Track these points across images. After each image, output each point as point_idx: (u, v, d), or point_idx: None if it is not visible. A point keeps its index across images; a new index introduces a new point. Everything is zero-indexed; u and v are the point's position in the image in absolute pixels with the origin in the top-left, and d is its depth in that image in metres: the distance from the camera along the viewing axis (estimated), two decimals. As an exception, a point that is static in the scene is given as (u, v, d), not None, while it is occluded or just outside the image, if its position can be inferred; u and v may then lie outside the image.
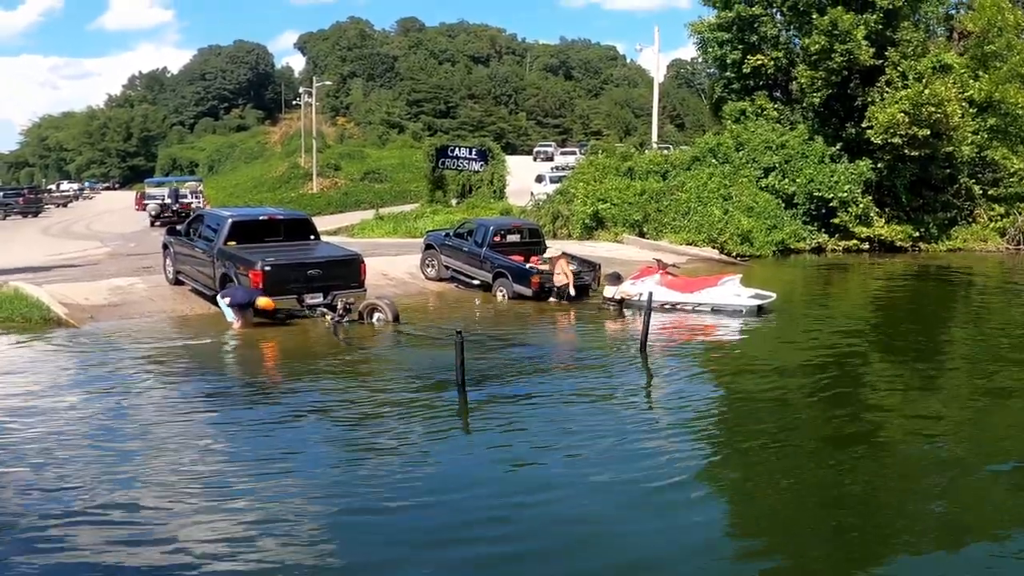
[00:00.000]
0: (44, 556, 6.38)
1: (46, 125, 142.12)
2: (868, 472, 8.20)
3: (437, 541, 6.68)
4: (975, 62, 28.92)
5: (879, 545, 6.67)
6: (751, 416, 10.07)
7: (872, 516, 7.19)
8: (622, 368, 12.48)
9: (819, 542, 6.91)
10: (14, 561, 6.26)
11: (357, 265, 15.90)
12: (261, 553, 6.43)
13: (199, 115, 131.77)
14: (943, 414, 10.27)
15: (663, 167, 30.11)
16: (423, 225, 30.94)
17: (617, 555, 6.49)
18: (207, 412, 10.23)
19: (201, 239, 16.77)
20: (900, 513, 7.36)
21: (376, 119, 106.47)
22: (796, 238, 27.21)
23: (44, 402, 10.42)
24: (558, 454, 8.58)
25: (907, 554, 6.65)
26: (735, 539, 6.94)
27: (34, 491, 7.57)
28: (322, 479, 7.89)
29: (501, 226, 19.45)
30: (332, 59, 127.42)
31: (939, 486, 7.90)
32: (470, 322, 15.99)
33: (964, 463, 8.45)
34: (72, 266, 22.75)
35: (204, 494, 7.52)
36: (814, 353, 13.46)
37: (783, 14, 29.56)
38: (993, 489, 7.90)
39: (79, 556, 6.41)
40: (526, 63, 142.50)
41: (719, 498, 7.78)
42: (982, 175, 29.11)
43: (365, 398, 10.83)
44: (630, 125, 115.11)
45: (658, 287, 16.15)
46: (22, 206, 58.34)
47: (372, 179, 65.63)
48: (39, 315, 15.19)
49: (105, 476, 7.90)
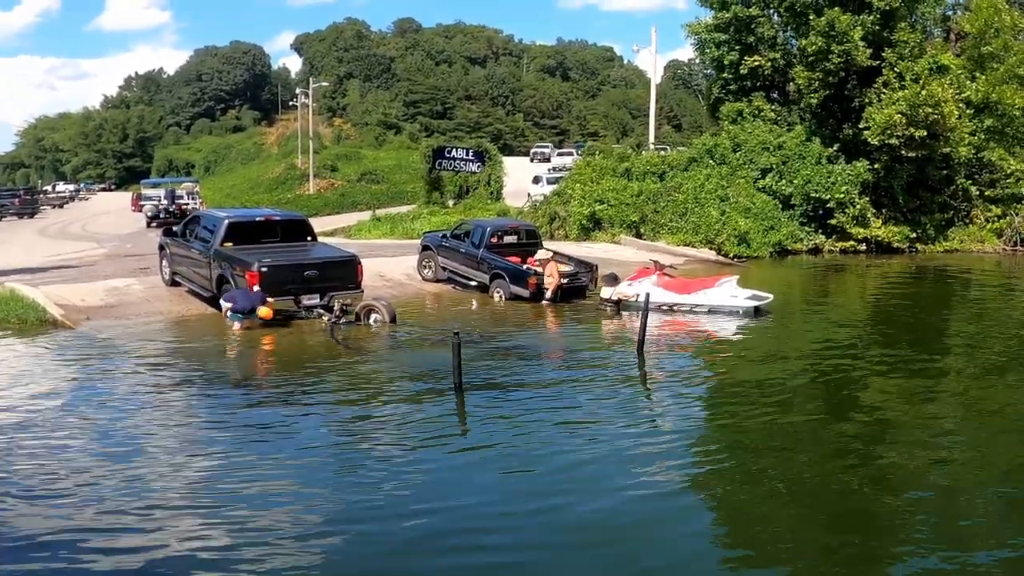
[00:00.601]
0: (38, 561, 6.34)
1: (42, 126, 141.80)
2: (867, 480, 8.10)
3: (434, 550, 6.62)
4: (972, 63, 28.94)
5: (879, 554, 6.64)
6: (748, 421, 10.00)
7: (871, 527, 7.13)
8: (619, 370, 12.43)
9: (816, 550, 6.88)
10: (7, 568, 6.22)
11: (354, 266, 15.88)
12: (254, 561, 6.37)
13: (195, 116, 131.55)
14: (943, 420, 10.23)
15: (660, 168, 30.13)
16: (420, 226, 30.87)
17: (615, 563, 6.47)
18: (202, 415, 10.19)
19: (198, 240, 16.75)
20: (898, 524, 7.28)
21: (373, 120, 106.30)
22: (793, 239, 27.24)
23: (37, 404, 10.38)
24: (555, 459, 8.53)
25: (905, 565, 6.58)
26: (732, 550, 6.89)
27: (28, 495, 7.52)
28: (317, 484, 7.84)
29: (498, 227, 19.42)
30: (329, 60, 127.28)
31: (938, 495, 7.81)
32: (467, 323, 15.95)
33: (965, 471, 8.36)
34: (68, 267, 22.71)
35: (198, 499, 7.47)
36: (811, 355, 13.47)
37: (780, 15, 29.59)
38: (994, 500, 7.75)
39: (72, 561, 6.36)
40: (523, 64, 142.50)
41: (715, 507, 7.69)
42: (979, 176, 29.12)
43: (362, 400, 10.80)
44: (627, 126, 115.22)
45: (655, 288, 16.13)
46: (18, 207, 58.28)
47: (369, 180, 65.45)
48: (35, 316, 15.14)
49: (97, 479, 7.87)
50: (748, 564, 6.63)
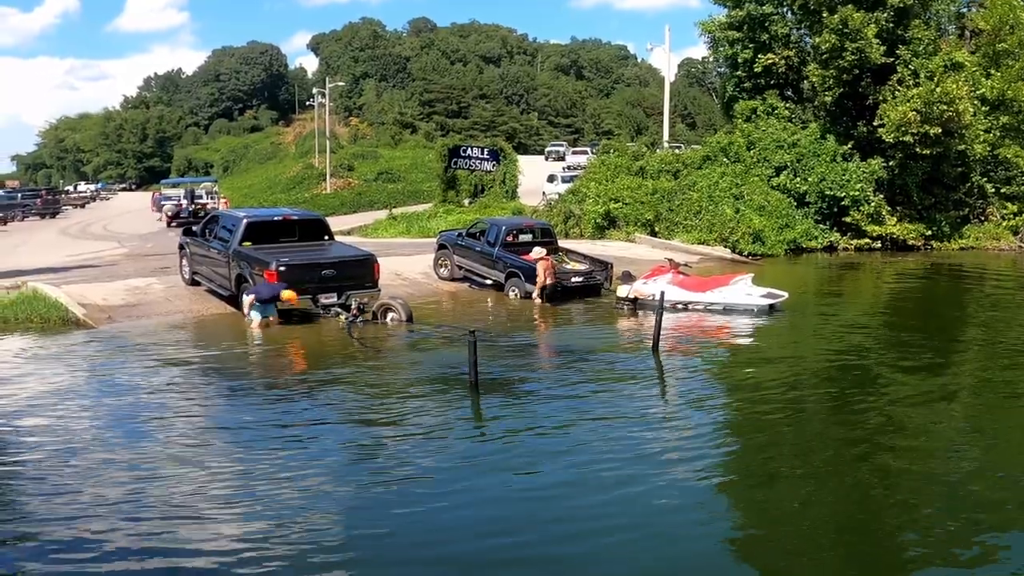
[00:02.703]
0: (58, 558, 6.48)
1: (63, 127, 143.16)
2: (882, 478, 8.08)
3: (449, 555, 6.63)
4: (987, 60, 28.82)
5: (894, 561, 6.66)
6: (763, 420, 10.01)
7: (888, 533, 7.05)
8: (635, 369, 12.49)
9: (832, 550, 6.91)
10: (30, 566, 6.33)
11: (371, 265, 16.05)
12: (269, 561, 6.44)
13: (213, 116, 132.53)
14: (961, 419, 10.19)
15: (675, 166, 30.22)
16: (436, 225, 31.10)
17: (629, 558, 6.56)
18: (219, 414, 10.35)
19: (217, 240, 16.97)
20: (918, 531, 7.16)
21: (389, 119, 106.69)
22: (808, 237, 27.21)
23: (60, 402, 10.63)
24: (570, 456, 8.56)
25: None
26: (747, 548, 6.84)
27: (48, 494, 7.67)
28: (331, 485, 7.87)
29: (513, 226, 19.56)
30: (345, 60, 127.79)
31: (955, 499, 7.67)
32: (483, 322, 16.11)
33: (981, 474, 8.23)
34: (90, 267, 22.97)
35: (212, 498, 7.56)
36: (827, 354, 13.49)
37: (794, 12, 29.53)
38: (1010, 500, 7.64)
39: (90, 558, 6.47)
40: (537, 63, 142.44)
41: (730, 506, 7.66)
42: (994, 173, 29.01)
43: (378, 399, 10.89)
44: (641, 124, 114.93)
45: (670, 286, 16.19)
46: (40, 207, 58.94)
47: (385, 179, 65.77)
48: (57, 316, 15.41)
49: (116, 478, 8.04)
50: (763, 562, 6.65)
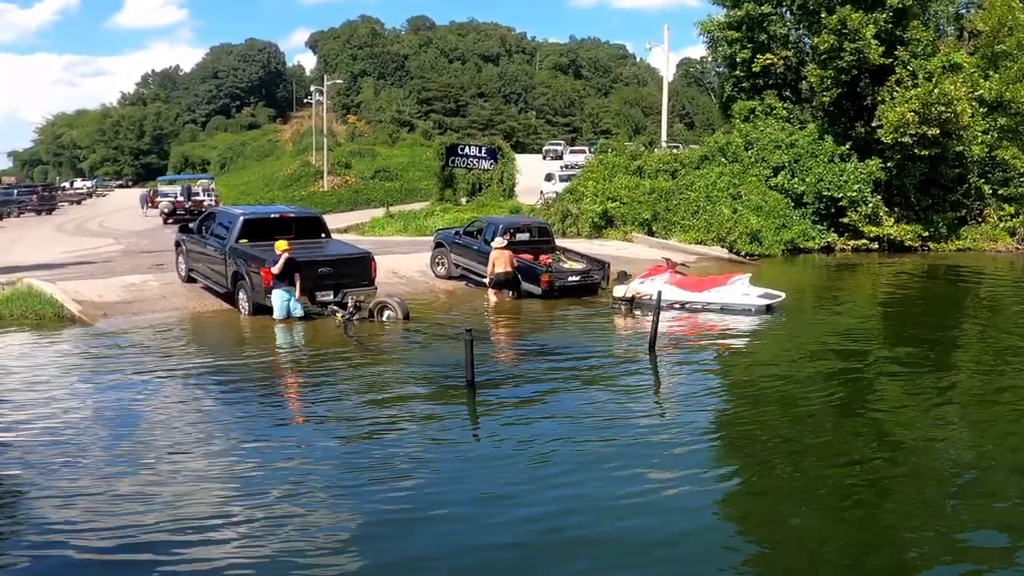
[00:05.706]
0: (55, 555, 6.47)
1: (60, 123, 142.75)
2: (881, 483, 8.06)
3: (447, 554, 6.61)
4: (985, 61, 28.86)
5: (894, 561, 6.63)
6: (760, 419, 10.02)
7: (888, 533, 7.03)
8: (631, 368, 12.50)
9: (828, 549, 6.90)
10: (25, 567, 6.31)
11: (368, 263, 16.04)
12: (265, 560, 6.44)
13: (211, 113, 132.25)
14: (958, 419, 10.21)
15: (672, 166, 30.18)
16: (433, 223, 31.05)
17: (627, 558, 6.54)
18: (214, 412, 10.29)
19: (213, 237, 16.94)
20: (917, 531, 7.15)
21: (387, 117, 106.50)
22: (805, 237, 27.21)
23: (56, 397, 10.62)
24: (567, 457, 8.52)
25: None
26: (744, 547, 6.86)
27: (45, 492, 7.67)
28: (326, 482, 7.87)
29: (511, 225, 19.54)
30: (343, 57, 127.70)
31: (956, 499, 7.70)
32: (480, 320, 16.10)
33: (981, 473, 8.26)
34: (86, 263, 22.92)
35: (206, 497, 7.55)
36: (824, 354, 13.50)
37: (792, 13, 29.59)
38: (1010, 499, 7.68)
39: (88, 556, 6.48)
40: (536, 62, 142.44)
41: (725, 504, 7.63)
42: (992, 175, 29.04)
43: (374, 397, 10.88)
44: (639, 124, 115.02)
45: (667, 286, 16.17)
46: (36, 204, 58.82)
47: (382, 177, 65.56)
48: (53, 312, 15.38)
49: (113, 476, 8.04)
50: (763, 562, 6.65)
